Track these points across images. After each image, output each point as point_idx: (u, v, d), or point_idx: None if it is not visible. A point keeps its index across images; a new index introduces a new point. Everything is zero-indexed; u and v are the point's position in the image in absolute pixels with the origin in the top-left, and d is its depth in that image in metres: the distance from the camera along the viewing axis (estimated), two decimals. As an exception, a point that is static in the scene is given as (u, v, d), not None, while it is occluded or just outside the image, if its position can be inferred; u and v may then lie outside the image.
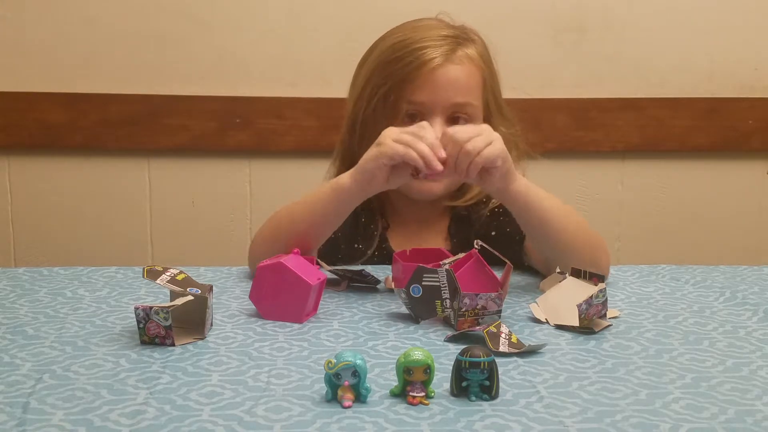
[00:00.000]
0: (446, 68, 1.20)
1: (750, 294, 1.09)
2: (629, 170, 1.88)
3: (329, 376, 0.71)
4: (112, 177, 1.83)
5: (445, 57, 1.20)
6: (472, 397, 0.72)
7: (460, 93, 1.21)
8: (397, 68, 1.20)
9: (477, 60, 1.24)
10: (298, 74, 1.80)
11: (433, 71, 1.19)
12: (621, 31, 1.82)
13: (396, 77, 1.20)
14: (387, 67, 1.21)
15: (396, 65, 1.20)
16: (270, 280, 0.96)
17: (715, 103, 1.85)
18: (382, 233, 1.30)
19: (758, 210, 1.92)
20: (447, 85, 1.20)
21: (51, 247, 1.85)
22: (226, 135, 1.80)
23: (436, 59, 1.19)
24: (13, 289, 1.07)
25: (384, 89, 1.21)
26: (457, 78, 1.21)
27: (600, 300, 0.93)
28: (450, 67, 1.20)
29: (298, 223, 1.14)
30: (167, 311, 0.85)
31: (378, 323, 0.95)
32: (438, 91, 1.19)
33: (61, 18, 1.76)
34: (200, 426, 0.67)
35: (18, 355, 0.83)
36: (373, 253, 1.28)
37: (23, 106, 1.78)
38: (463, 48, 1.23)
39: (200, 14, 1.77)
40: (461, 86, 1.21)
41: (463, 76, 1.21)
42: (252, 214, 1.85)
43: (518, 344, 0.86)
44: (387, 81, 1.21)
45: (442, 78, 1.19)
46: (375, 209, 1.30)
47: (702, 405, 0.72)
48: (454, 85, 1.20)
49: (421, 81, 1.19)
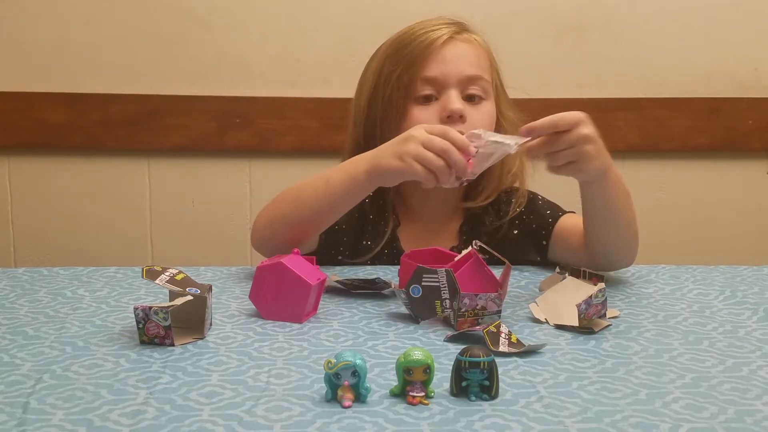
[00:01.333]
0: (454, 43, 1.22)
1: (750, 294, 1.09)
2: (629, 170, 1.88)
3: (329, 376, 0.71)
4: (112, 177, 1.84)
5: (451, 35, 1.22)
6: (472, 397, 0.72)
7: (470, 66, 1.22)
8: (406, 52, 1.21)
9: (483, 43, 1.26)
10: (298, 74, 1.80)
11: (442, 47, 1.21)
12: (621, 31, 1.82)
13: (407, 60, 1.21)
14: (396, 54, 1.23)
15: (405, 50, 1.22)
16: (270, 280, 0.96)
17: (715, 103, 1.85)
18: (392, 231, 1.28)
19: (758, 210, 1.92)
20: (457, 58, 1.21)
21: (51, 247, 1.85)
22: (226, 135, 1.80)
23: (443, 36, 1.21)
24: (13, 289, 1.07)
25: (396, 74, 1.21)
26: (466, 52, 1.23)
27: (600, 300, 0.93)
28: (457, 42, 1.23)
29: (306, 206, 1.13)
30: (166, 311, 0.85)
31: (378, 323, 0.95)
32: (448, 64, 1.20)
33: (61, 18, 1.76)
34: (200, 426, 0.67)
35: (18, 355, 0.83)
36: (382, 251, 1.27)
37: (23, 106, 1.78)
38: (468, 32, 1.25)
39: (200, 14, 1.78)
40: (471, 59, 1.23)
41: (471, 51, 1.23)
42: (252, 214, 1.85)
43: (518, 344, 0.86)
44: (398, 66, 1.21)
45: (451, 51, 1.21)
46: (387, 206, 1.29)
47: (702, 405, 0.72)
48: (465, 57, 1.22)
49: (431, 58, 1.20)
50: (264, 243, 1.17)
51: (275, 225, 1.15)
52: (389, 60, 1.23)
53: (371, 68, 1.27)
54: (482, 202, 1.28)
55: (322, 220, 1.15)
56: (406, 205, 1.31)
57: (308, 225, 1.14)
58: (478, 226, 1.29)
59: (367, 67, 1.29)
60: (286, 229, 1.13)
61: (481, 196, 1.28)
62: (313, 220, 1.14)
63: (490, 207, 1.29)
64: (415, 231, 1.30)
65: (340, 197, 1.12)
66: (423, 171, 1.03)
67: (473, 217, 1.30)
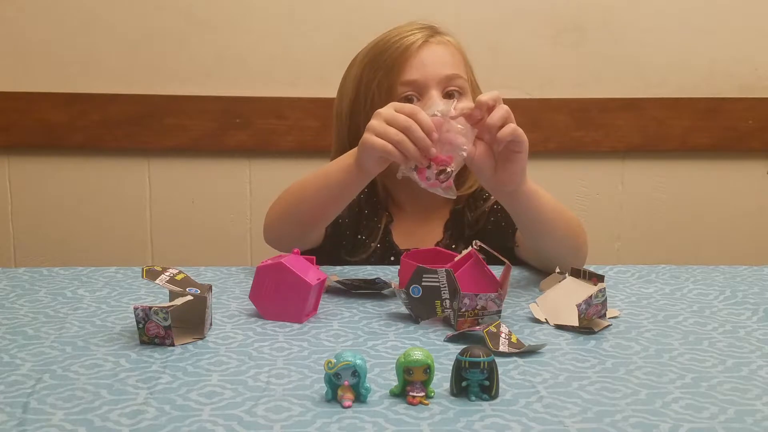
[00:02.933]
0: (430, 46, 1.26)
1: (750, 294, 1.09)
2: (629, 170, 1.88)
3: (329, 376, 0.71)
4: (112, 177, 1.84)
5: (425, 39, 1.26)
6: (472, 397, 0.72)
7: (448, 66, 1.25)
8: (383, 59, 1.25)
9: (456, 44, 1.30)
10: (298, 74, 1.80)
11: (418, 50, 1.24)
12: (621, 31, 1.82)
13: (385, 66, 1.24)
14: (374, 62, 1.26)
15: (382, 57, 1.25)
16: (270, 280, 0.96)
17: (715, 103, 1.85)
18: (385, 226, 1.31)
19: (758, 210, 1.92)
20: (434, 60, 1.25)
21: (51, 247, 1.85)
22: (226, 135, 1.80)
23: (418, 41, 1.25)
24: (13, 289, 1.07)
25: (376, 80, 1.25)
26: (442, 53, 1.26)
27: (599, 300, 0.93)
28: (433, 45, 1.26)
29: (309, 201, 1.17)
30: (166, 311, 0.85)
31: (378, 323, 0.95)
32: (427, 67, 1.24)
33: (61, 18, 1.76)
34: (200, 426, 0.67)
35: (18, 355, 0.83)
36: (377, 246, 1.30)
37: (23, 106, 1.78)
38: (440, 35, 1.29)
39: (200, 14, 1.78)
40: (447, 60, 1.26)
41: (447, 52, 1.27)
42: (252, 214, 1.85)
43: (518, 344, 0.86)
44: (378, 72, 1.25)
45: (428, 54, 1.25)
46: (379, 202, 1.33)
47: (702, 405, 0.72)
48: (441, 59, 1.25)
49: (409, 62, 1.24)
50: (276, 238, 1.23)
51: (283, 220, 1.20)
52: (368, 67, 1.27)
53: (350, 77, 1.31)
54: (466, 191, 1.31)
55: (326, 212, 1.19)
56: (396, 201, 1.35)
57: (313, 218, 1.18)
58: (461, 220, 1.33)
59: (345, 76, 1.33)
60: (294, 224, 1.19)
61: (463, 186, 1.30)
62: (317, 212, 1.18)
63: (471, 200, 1.33)
64: (406, 226, 1.33)
65: (338, 188, 1.14)
66: (381, 144, 1.03)
67: (456, 212, 1.33)
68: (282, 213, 1.21)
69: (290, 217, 1.19)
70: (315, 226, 1.21)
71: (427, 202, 1.31)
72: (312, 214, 1.18)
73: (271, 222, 1.22)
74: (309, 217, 1.18)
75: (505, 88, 1.34)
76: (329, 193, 1.15)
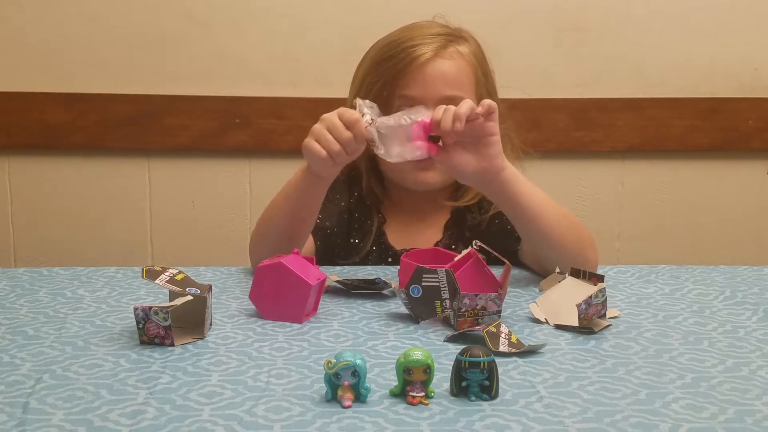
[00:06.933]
0: (436, 62, 1.23)
1: (750, 294, 1.09)
2: (629, 170, 1.88)
3: (329, 376, 0.71)
4: (112, 177, 1.84)
5: (435, 52, 1.23)
6: (472, 397, 0.72)
7: (449, 86, 1.22)
8: (389, 66, 1.23)
9: (469, 57, 1.26)
10: (298, 74, 1.80)
11: (423, 66, 1.22)
12: (621, 31, 1.82)
13: (388, 74, 1.23)
14: (380, 66, 1.25)
15: (388, 63, 1.23)
16: (270, 280, 0.96)
17: (715, 103, 1.84)
18: (379, 227, 1.31)
19: (758, 210, 1.92)
20: (436, 79, 1.22)
21: (51, 247, 1.85)
22: (226, 135, 1.80)
23: (425, 54, 1.22)
24: (13, 289, 1.07)
25: (377, 86, 1.24)
26: (447, 71, 1.23)
27: (599, 300, 0.93)
28: (440, 61, 1.23)
29: (281, 213, 1.17)
30: (166, 311, 0.85)
31: (378, 323, 0.95)
32: (428, 86, 1.22)
33: (61, 18, 1.76)
34: (200, 426, 0.67)
35: (18, 355, 0.83)
36: (371, 248, 1.30)
37: (23, 106, 1.78)
38: (455, 45, 1.25)
39: (200, 14, 1.78)
40: (451, 80, 1.23)
41: (453, 70, 1.24)
42: (252, 214, 1.85)
43: (518, 344, 0.86)
44: (380, 78, 1.24)
45: (431, 72, 1.22)
46: (370, 204, 1.32)
47: (702, 405, 0.72)
48: (444, 78, 1.23)
49: (411, 76, 1.22)
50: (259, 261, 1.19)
51: (263, 242, 1.18)
52: (373, 70, 1.26)
53: (359, 73, 1.30)
54: (467, 203, 1.30)
55: (298, 223, 1.17)
56: (391, 201, 1.34)
57: (289, 230, 1.17)
58: (463, 221, 1.32)
59: (358, 67, 1.31)
60: (273, 242, 1.15)
61: (465, 197, 1.30)
62: (291, 224, 1.17)
63: (475, 206, 1.32)
64: (401, 226, 1.32)
65: (301, 194, 1.15)
66: (317, 149, 1.08)
67: (458, 213, 1.32)
68: (260, 235, 1.20)
69: (267, 237, 1.18)
70: (292, 239, 1.17)
71: (424, 203, 1.31)
72: (286, 227, 1.16)
73: (254, 246, 1.21)
74: (285, 230, 1.16)
75: (505, 88, 1.33)
76: (296, 201, 1.15)
